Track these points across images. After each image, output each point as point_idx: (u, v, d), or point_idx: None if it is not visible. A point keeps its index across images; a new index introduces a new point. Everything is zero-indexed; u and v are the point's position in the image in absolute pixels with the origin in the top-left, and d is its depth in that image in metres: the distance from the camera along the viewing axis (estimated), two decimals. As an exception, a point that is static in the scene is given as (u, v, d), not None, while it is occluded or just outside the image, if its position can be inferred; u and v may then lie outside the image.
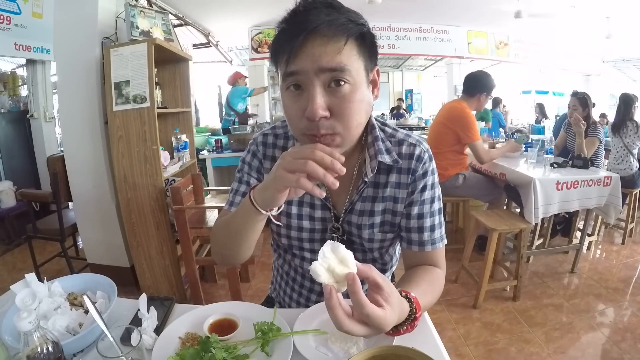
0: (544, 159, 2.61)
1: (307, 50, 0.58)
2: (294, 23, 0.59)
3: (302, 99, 0.60)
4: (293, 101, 0.62)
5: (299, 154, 0.55)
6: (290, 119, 0.64)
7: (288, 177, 0.55)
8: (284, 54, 0.59)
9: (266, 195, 0.60)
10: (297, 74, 0.59)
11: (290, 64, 0.59)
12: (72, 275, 0.85)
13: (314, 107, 0.58)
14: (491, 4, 4.74)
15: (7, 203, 3.20)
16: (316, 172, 0.53)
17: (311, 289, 0.90)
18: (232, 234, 0.71)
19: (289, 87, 0.61)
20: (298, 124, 0.62)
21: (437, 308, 2.20)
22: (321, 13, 0.58)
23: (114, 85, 2.06)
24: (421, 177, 0.76)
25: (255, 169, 0.82)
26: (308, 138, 0.62)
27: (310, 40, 0.58)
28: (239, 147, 3.41)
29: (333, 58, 0.58)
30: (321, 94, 0.59)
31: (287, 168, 0.55)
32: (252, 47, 5.69)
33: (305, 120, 0.60)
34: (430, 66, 9.17)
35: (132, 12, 2.17)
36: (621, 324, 2.06)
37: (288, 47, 0.58)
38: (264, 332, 0.66)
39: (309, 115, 0.59)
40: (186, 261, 2.12)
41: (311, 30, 0.57)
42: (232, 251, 0.73)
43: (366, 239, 0.80)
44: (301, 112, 0.60)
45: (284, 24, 0.61)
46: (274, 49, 0.63)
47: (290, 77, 0.60)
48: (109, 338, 0.56)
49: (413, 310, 0.60)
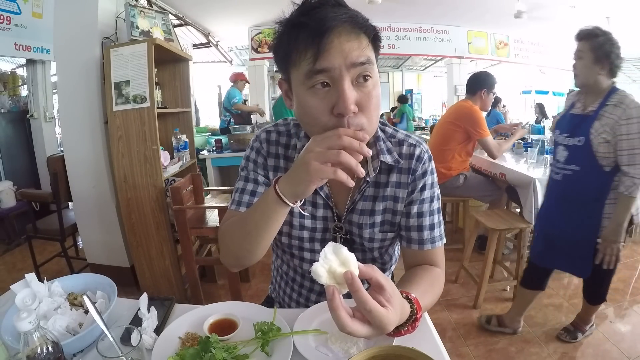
0: (544, 159, 2.61)
1: (336, 46, 0.57)
2: (315, 19, 0.58)
3: (329, 96, 0.60)
4: (319, 99, 0.60)
5: (327, 143, 0.55)
6: (314, 118, 0.61)
7: (324, 169, 0.54)
8: (309, 51, 0.58)
9: (298, 188, 0.59)
10: (327, 70, 0.58)
11: (318, 61, 0.58)
12: (72, 275, 0.85)
13: (347, 102, 0.58)
14: (491, 4, 4.74)
15: (7, 203, 3.20)
16: (349, 162, 0.53)
17: (311, 289, 0.90)
18: (250, 232, 0.68)
19: (315, 85, 0.59)
20: (324, 122, 0.61)
21: (437, 308, 2.20)
22: (337, 10, 0.59)
23: (114, 85, 2.06)
24: (421, 177, 0.77)
25: (261, 166, 0.81)
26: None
27: (337, 35, 0.58)
28: (239, 147, 3.41)
29: (361, 53, 0.59)
30: (350, 89, 0.59)
31: (320, 160, 0.54)
32: (252, 47, 5.69)
33: (333, 117, 0.60)
34: (430, 66, 9.18)
35: (132, 12, 2.17)
36: (621, 324, 2.06)
37: (313, 43, 0.57)
38: (264, 332, 0.66)
39: (341, 110, 0.58)
40: (186, 261, 2.12)
41: (338, 25, 0.57)
42: (249, 251, 0.70)
43: (366, 239, 0.80)
44: (328, 109, 0.60)
45: (300, 19, 0.60)
46: (288, 48, 0.61)
47: (318, 74, 0.58)
48: (109, 338, 0.56)
49: (414, 311, 0.59)
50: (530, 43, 6.60)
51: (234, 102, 4.38)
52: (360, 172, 0.54)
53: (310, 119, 0.62)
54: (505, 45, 6.35)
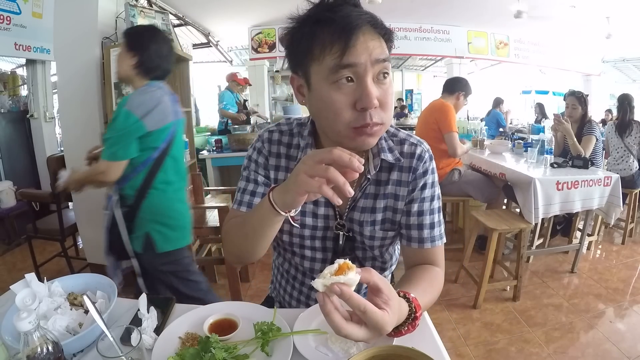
0: (544, 159, 2.61)
1: (362, 43, 0.60)
2: (341, 16, 0.61)
3: (352, 91, 0.62)
4: (342, 94, 0.62)
5: (319, 156, 0.55)
6: (336, 113, 0.63)
7: (310, 182, 0.55)
8: (335, 46, 0.60)
9: (287, 198, 0.60)
10: (353, 65, 0.60)
11: (346, 57, 0.60)
12: (72, 275, 0.85)
13: (371, 96, 0.60)
14: (491, 4, 4.74)
15: (7, 203, 3.20)
16: (336, 179, 0.53)
17: (312, 287, 0.89)
18: (248, 234, 0.71)
19: (340, 80, 0.61)
20: (347, 117, 0.63)
21: (437, 308, 2.20)
22: (359, 10, 0.63)
23: (114, 85, 2.06)
24: (422, 176, 0.78)
25: (262, 166, 0.82)
26: (356, 131, 0.63)
27: (362, 33, 0.61)
28: (239, 147, 3.40)
29: (382, 51, 0.62)
30: (372, 85, 0.62)
31: (308, 173, 0.55)
32: (252, 47, 5.69)
33: (355, 111, 0.62)
34: (430, 66, 9.16)
35: (132, 12, 2.18)
36: (621, 324, 2.06)
37: (340, 39, 0.60)
38: (264, 332, 0.66)
39: (365, 105, 0.61)
40: (186, 261, 2.12)
41: (363, 24, 0.61)
42: (248, 252, 0.73)
43: (367, 236, 0.80)
44: (350, 104, 0.62)
45: (326, 15, 0.61)
46: (310, 42, 0.63)
47: (345, 69, 0.61)
48: (109, 338, 0.56)
49: (413, 310, 0.60)
50: (530, 43, 6.60)
51: (220, 107, 4.33)
52: (347, 191, 0.54)
53: (332, 113, 0.63)
54: (505, 45, 6.35)
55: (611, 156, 3.17)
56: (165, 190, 1.43)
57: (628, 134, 3.06)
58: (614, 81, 8.99)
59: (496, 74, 8.53)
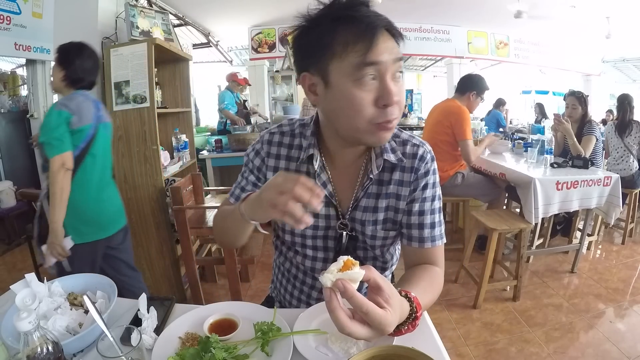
0: (544, 159, 2.61)
1: (384, 42, 0.63)
2: (363, 15, 0.62)
3: (373, 88, 0.64)
4: (365, 91, 0.63)
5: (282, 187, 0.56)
6: (357, 109, 0.64)
7: (271, 212, 0.57)
8: (358, 44, 0.61)
9: (255, 215, 0.64)
10: (377, 63, 0.62)
11: (371, 55, 0.61)
12: (72, 275, 0.85)
13: (393, 93, 0.63)
14: (491, 4, 4.74)
15: (7, 203, 3.20)
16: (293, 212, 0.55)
17: (312, 286, 0.90)
18: (226, 229, 0.79)
19: (363, 78, 0.62)
20: (369, 113, 0.64)
21: (437, 308, 2.20)
22: (373, 11, 0.64)
23: (114, 85, 2.06)
24: (423, 176, 0.78)
25: (256, 167, 0.84)
26: (377, 127, 0.66)
27: (383, 32, 0.63)
28: (239, 147, 3.40)
29: (399, 50, 0.65)
30: (392, 82, 0.64)
31: (271, 201, 0.57)
32: (252, 47, 5.69)
33: (376, 109, 0.64)
34: (430, 66, 9.15)
35: (132, 12, 2.17)
36: (621, 324, 2.06)
37: (365, 37, 0.61)
38: (264, 332, 0.66)
39: (388, 102, 0.63)
40: (186, 261, 2.12)
41: (384, 24, 0.63)
42: (229, 242, 0.83)
43: (369, 236, 0.81)
44: (372, 101, 0.64)
45: (348, 13, 0.62)
46: (331, 40, 0.63)
47: (370, 66, 0.62)
48: (109, 338, 0.56)
49: (413, 309, 0.60)
50: (530, 43, 6.60)
51: (221, 108, 4.32)
52: (305, 222, 0.55)
53: (354, 110, 0.65)
54: (505, 45, 6.35)
55: (611, 156, 3.17)
56: (82, 186, 1.54)
57: (628, 134, 3.06)
58: (614, 81, 8.99)
59: (496, 74, 8.51)
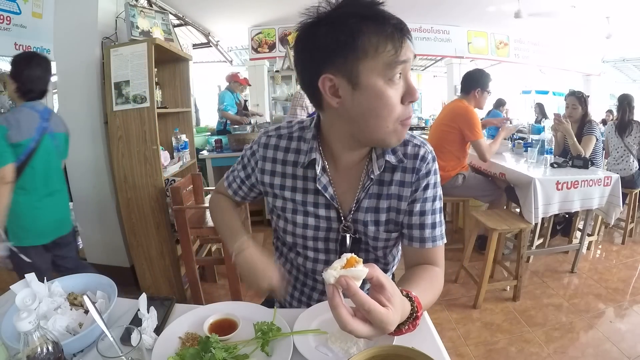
0: (544, 159, 2.61)
1: (407, 42, 0.64)
2: (389, 17, 0.63)
3: (400, 87, 0.65)
4: (395, 89, 0.64)
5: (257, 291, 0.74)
6: (390, 109, 0.65)
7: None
8: (389, 43, 0.62)
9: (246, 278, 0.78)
10: (405, 62, 0.64)
11: (401, 53, 0.63)
12: (72, 275, 0.85)
13: (415, 89, 0.66)
14: (491, 4, 4.74)
15: (7, 203, 3.20)
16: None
17: (313, 287, 0.90)
18: (218, 228, 0.93)
19: (395, 76, 0.63)
20: (399, 111, 0.66)
21: (437, 308, 2.20)
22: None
23: (114, 85, 2.06)
24: (424, 176, 0.78)
25: (250, 167, 0.87)
26: (402, 124, 0.67)
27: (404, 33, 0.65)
28: (239, 147, 3.40)
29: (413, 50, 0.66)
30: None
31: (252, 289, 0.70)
32: (252, 47, 5.69)
33: (402, 106, 0.66)
34: (430, 66, 9.15)
35: (132, 12, 2.17)
36: (621, 323, 2.06)
37: (394, 36, 0.62)
38: (264, 332, 0.66)
39: (414, 98, 0.66)
40: (186, 261, 2.12)
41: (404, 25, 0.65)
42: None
43: (371, 237, 0.81)
44: (399, 98, 0.65)
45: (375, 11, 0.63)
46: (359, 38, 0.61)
47: (400, 65, 0.63)
48: (109, 338, 0.56)
49: (414, 309, 0.60)
50: (530, 43, 6.60)
51: (220, 109, 4.29)
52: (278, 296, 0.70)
53: (387, 110, 0.65)
54: (505, 45, 6.35)
55: (611, 156, 3.17)
56: (21, 194, 1.65)
57: (628, 134, 3.06)
58: (614, 81, 8.99)
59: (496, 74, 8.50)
